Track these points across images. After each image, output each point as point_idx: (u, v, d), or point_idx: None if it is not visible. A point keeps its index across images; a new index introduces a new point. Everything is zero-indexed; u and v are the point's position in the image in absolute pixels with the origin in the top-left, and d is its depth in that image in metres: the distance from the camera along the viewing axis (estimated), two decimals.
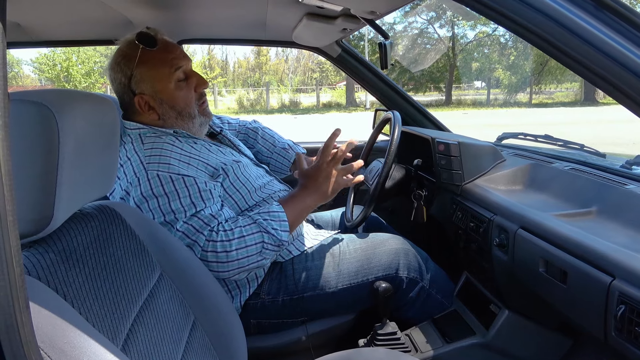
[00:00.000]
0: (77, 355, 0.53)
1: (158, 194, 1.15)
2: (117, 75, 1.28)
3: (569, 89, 24.37)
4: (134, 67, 1.25)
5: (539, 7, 0.58)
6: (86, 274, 0.72)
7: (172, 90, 1.28)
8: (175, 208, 1.15)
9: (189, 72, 1.32)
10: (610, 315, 0.83)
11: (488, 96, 24.10)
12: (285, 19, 1.63)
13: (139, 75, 1.26)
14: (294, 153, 1.70)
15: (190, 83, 1.32)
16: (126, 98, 1.29)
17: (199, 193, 1.18)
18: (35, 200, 0.61)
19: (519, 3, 0.59)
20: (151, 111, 1.29)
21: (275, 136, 1.76)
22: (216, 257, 1.15)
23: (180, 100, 1.30)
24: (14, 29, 1.62)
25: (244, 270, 1.19)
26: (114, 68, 1.28)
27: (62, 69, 21.32)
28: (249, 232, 1.19)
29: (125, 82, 1.27)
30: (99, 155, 0.75)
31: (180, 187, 1.16)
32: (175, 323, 0.88)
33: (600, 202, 1.07)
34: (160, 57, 1.26)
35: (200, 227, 1.15)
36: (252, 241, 1.18)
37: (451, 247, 1.61)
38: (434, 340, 1.38)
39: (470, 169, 1.44)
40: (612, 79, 0.59)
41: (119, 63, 1.27)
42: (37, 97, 0.62)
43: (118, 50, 1.29)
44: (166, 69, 1.27)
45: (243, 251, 1.17)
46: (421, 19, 23.78)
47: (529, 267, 1.08)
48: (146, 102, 1.28)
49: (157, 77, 1.27)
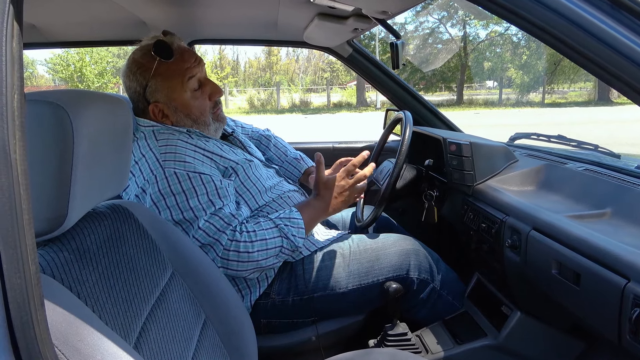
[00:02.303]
0: (91, 352, 0.54)
1: (176, 191, 1.17)
2: (132, 84, 1.29)
3: (583, 89, 24.07)
4: (149, 77, 1.26)
5: (554, 7, 0.58)
6: (99, 272, 0.72)
7: (187, 100, 1.30)
8: (194, 205, 1.17)
9: (203, 80, 1.34)
10: (625, 318, 0.82)
11: (500, 96, 23.89)
12: (297, 19, 1.63)
13: (154, 85, 1.27)
14: (305, 165, 1.72)
15: (205, 91, 1.33)
16: (141, 105, 1.32)
17: (216, 190, 1.20)
18: (50, 199, 0.62)
19: (534, 2, 0.58)
20: (165, 118, 1.31)
21: (288, 146, 1.78)
22: (237, 257, 1.18)
23: (195, 110, 1.32)
24: (29, 30, 1.65)
25: (259, 270, 1.23)
26: (129, 76, 1.29)
27: (75, 69, 21.56)
28: (270, 235, 1.22)
29: (140, 91, 1.29)
30: (112, 154, 0.76)
31: (197, 184, 1.18)
32: (187, 321, 0.89)
33: (614, 203, 1.06)
34: (175, 68, 1.27)
35: (222, 227, 1.17)
36: (272, 244, 1.22)
37: (462, 248, 1.60)
38: (445, 342, 1.37)
39: (482, 169, 1.43)
40: (628, 79, 0.59)
41: (135, 72, 1.28)
42: (52, 97, 0.63)
43: (133, 60, 1.29)
44: (181, 79, 1.28)
45: (263, 253, 1.20)
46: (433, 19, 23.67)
47: (542, 268, 1.07)
48: (160, 109, 1.30)
49: (172, 88, 1.28)
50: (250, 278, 1.29)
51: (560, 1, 0.57)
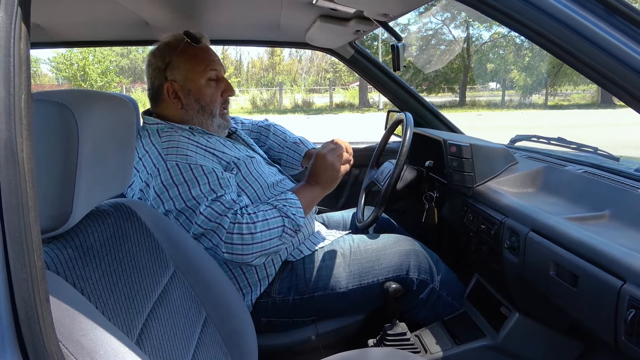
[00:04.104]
0: (94, 347, 0.55)
1: (178, 182, 1.19)
2: (155, 60, 1.34)
3: (586, 91, 24.02)
4: (174, 55, 1.32)
5: (549, 11, 0.59)
6: (102, 269, 0.74)
7: (202, 85, 1.34)
8: (196, 194, 1.19)
9: (220, 78, 1.39)
10: (621, 319, 0.83)
11: (503, 97, 23.86)
12: (299, 20, 1.64)
13: (176, 62, 1.32)
14: (305, 147, 1.73)
15: (219, 86, 1.38)
16: (157, 83, 1.35)
17: (218, 180, 1.21)
18: (55, 197, 0.63)
19: (529, 6, 0.59)
20: (176, 100, 1.34)
21: (287, 132, 1.80)
22: (242, 240, 1.18)
23: (207, 96, 1.36)
24: (34, 30, 1.66)
25: (264, 254, 1.22)
26: (154, 54, 1.35)
27: (78, 68, 21.61)
28: (271, 215, 1.23)
29: (161, 67, 1.33)
30: (116, 154, 0.77)
31: (199, 174, 1.20)
32: (188, 319, 0.90)
33: (613, 205, 1.06)
34: (200, 54, 1.34)
35: (223, 211, 1.19)
36: (274, 224, 1.22)
37: (462, 249, 1.61)
38: (444, 342, 1.38)
39: (482, 171, 1.44)
40: (623, 83, 0.59)
41: (161, 49, 1.34)
42: (57, 97, 0.64)
43: (163, 41, 1.36)
44: (202, 65, 1.34)
45: (266, 233, 1.20)
46: (436, 20, 23.66)
47: (540, 270, 1.07)
48: (174, 90, 1.33)
49: (191, 69, 1.33)
50: (251, 275, 1.30)
51: (556, 5, 0.58)
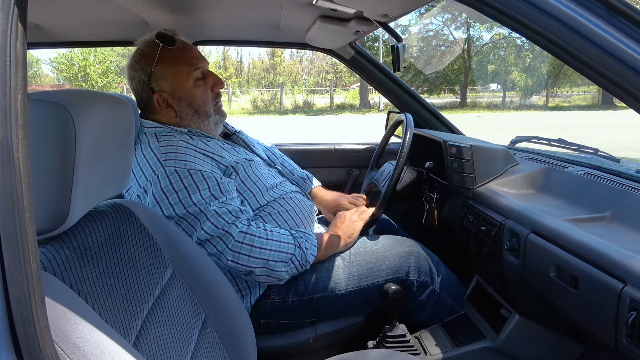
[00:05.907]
0: (90, 349, 0.54)
1: (178, 188, 1.19)
2: (136, 74, 1.31)
3: (587, 92, 24.03)
4: (153, 65, 1.29)
5: (550, 11, 0.58)
6: (100, 270, 0.73)
7: (190, 88, 1.32)
8: (197, 200, 1.19)
9: (206, 72, 1.36)
10: (622, 322, 0.83)
11: (504, 99, 23.87)
12: (299, 21, 1.64)
13: (158, 72, 1.29)
14: (311, 184, 1.73)
15: (207, 82, 1.36)
16: (145, 96, 1.33)
17: (218, 185, 1.21)
18: (52, 197, 0.63)
19: (530, 7, 0.58)
20: (169, 109, 1.33)
21: (294, 165, 1.79)
22: (250, 251, 1.20)
23: (198, 98, 1.34)
24: (33, 30, 1.66)
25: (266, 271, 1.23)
26: (133, 66, 1.32)
27: (79, 69, 21.65)
28: (286, 240, 1.26)
29: (144, 80, 1.30)
30: (114, 154, 0.77)
31: (199, 179, 1.20)
32: (186, 321, 0.89)
33: (613, 207, 1.06)
34: (179, 55, 1.30)
35: (230, 219, 1.20)
36: (285, 249, 1.25)
37: (462, 250, 1.61)
38: (444, 344, 1.38)
39: (482, 172, 1.43)
40: (624, 84, 0.59)
41: (139, 61, 1.31)
42: (55, 97, 0.64)
43: (137, 50, 1.32)
44: (185, 67, 1.31)
45: (275, 254, 1.23)
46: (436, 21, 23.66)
47: (540, 271, 1.07)
48: (164, 99, 1.31)
49: (176, 75, 1.30)
50: (251, 278, 1.30)
51: (558, 7, 0.58)
